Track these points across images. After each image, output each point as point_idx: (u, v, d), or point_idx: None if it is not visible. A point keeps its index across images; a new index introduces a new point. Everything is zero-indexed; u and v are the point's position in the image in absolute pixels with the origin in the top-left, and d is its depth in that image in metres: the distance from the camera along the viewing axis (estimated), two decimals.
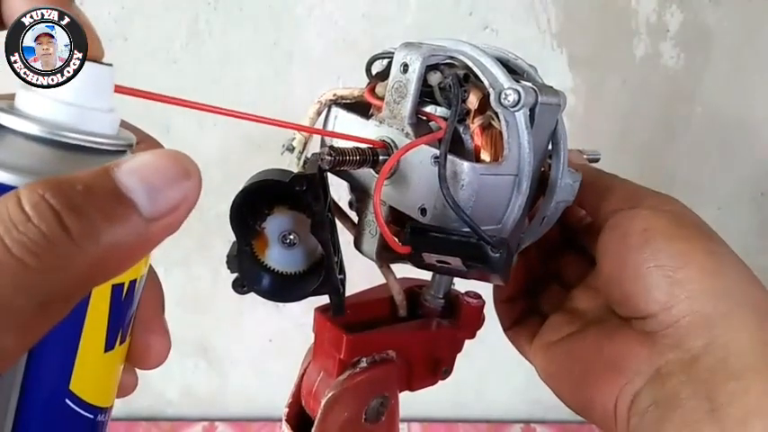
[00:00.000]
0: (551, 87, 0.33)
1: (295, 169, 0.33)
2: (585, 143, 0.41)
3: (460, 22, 0.68)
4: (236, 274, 0.32)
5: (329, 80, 0.68)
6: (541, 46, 0.69)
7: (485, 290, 0.39)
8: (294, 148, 0.33)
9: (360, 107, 0.34)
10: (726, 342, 0.27)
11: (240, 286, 0.32)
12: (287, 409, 0.35)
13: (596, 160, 0.40)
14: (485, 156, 0.31)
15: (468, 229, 0.28)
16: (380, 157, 0.30)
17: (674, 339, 0.28)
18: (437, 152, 0.29)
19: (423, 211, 0.30)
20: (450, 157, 0.29)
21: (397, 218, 0.32)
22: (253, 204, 0.32)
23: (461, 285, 0.38)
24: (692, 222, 0.30)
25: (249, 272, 0.32)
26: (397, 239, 0.30)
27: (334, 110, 0.34)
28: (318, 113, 0.34)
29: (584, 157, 0.39)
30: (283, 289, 0.33)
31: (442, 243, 0.29)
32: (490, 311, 0.39)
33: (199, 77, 0.69)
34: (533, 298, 0.40)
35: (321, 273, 0.32)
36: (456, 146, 0.31)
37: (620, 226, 0.31)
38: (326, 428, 0.32)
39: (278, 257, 0.33)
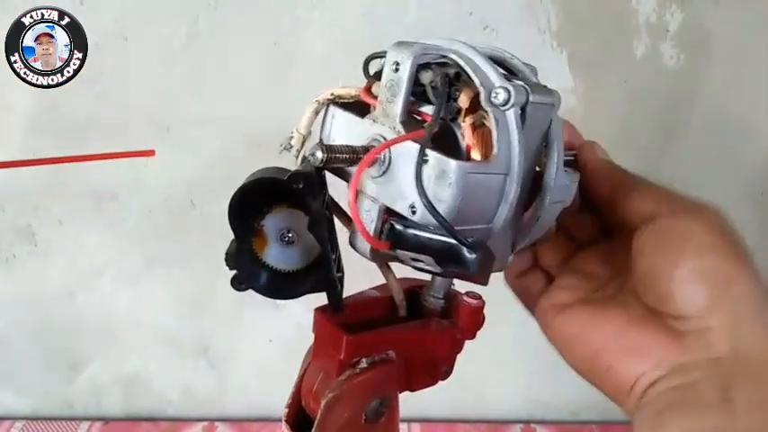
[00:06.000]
0: (545, 86, 0.32)
1: (294, 167, 0.33)
2: None
3: (460, 22, 0.68)
4: (234, 272, 0.33)
5: (329, 80, 0.67)
6: (541, 46, 0.69)
7: (485, 290, 0.38)
8: (292, 147, 0.33)
9: (359, 106, 0.34)
10: (749, 350, 0.30)
11: (239, 283, 0.33)
12: (287, 410, 0.35)
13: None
14: (475, 155, 0.31)
15: (456, 228, 0.28)
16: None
17: (703, 342, 0.30)
18: (427, 151, 0.29)
19: (413, 209, 0.30)
20: (437, 155, 0.29)
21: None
22: (252, 202, 0.32)
23: (461, 285, 0.38)
24: (739, 243, 0.33)
25: (248, 269, 0.33)
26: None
27: (332, 109, 0.34)
28: (316, 113, 0.34)
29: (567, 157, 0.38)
30: (281, 286, 0.34)
31: (419, 241, 0.29)
32: (491, 312, 0.39)
33: (199, 77, 0.69)
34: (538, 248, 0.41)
35: (319, 270, 0.32)
36: (451, 145, 0.31)
37: (669, 232, 0.32)
38: (326, 429, 0.32)
39: (277, 255, 0.34)
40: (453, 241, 0.28)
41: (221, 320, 0.81)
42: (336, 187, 0.33)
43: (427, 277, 0.37)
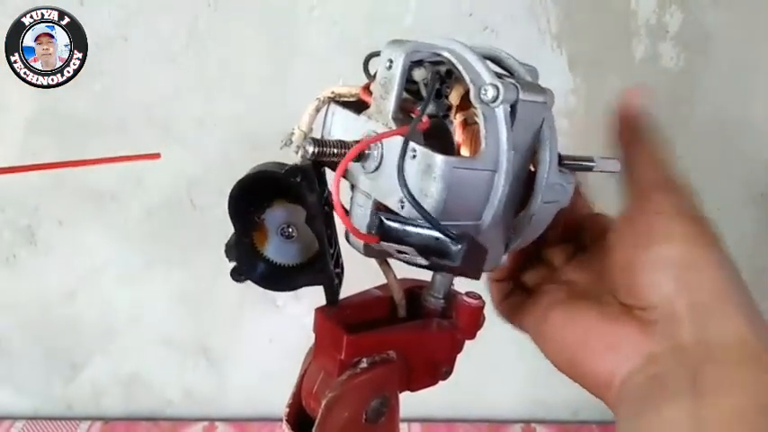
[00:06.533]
0: (538, 85, 0.32)
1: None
2: (585, 143, 0.41)
3: (460, 23, 0.68)
4: (234, 263, 0.34)
5: (329, 80, 0.67)
6: (541, 47, 0.69)
7: (485, 290, 0.39)
8: (292, 143, 0.34)
9: (360, 105, 0.34)
10: (713, 337, 0.30)
11: (238, 275, 0.34)
12: (287, 409, 0.35)
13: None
14: (464, 151, 0.31)
15: (444, 223, 0.28)
16: (365, 151, 0.31)
17: (670, 330, 0.31)
18: (414, 146, 0.29)
19: (401, 203, 0.30)
20: (424, 149, 0.29)
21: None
22: (252, 196, 0.33)
23: (462, 285, 0.38)
24: (707, 229, 0.33)
25: (247, 261, 0.34)
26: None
27: (332, 107, 0.34)
28: (317, 110, 0.34)
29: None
30: (279, 279, 0.34)
31: (407, 234, 0.29)
32: (491, 312, 0.39)
33: (199, 77, 0.69)
34: (522, 275, 0.42)
35: (317, 265, 0.33)
36: (446, 142, 0.31)
37: (637, 220, 0.33)
38: (327, 429, 0.32)
39: (276, 249, 0.35)
40: (438, 234, 0.28)
41: (221, 320, 0.81)
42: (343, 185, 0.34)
43: (427, 277, 0.37)
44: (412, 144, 0.29)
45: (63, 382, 0.84)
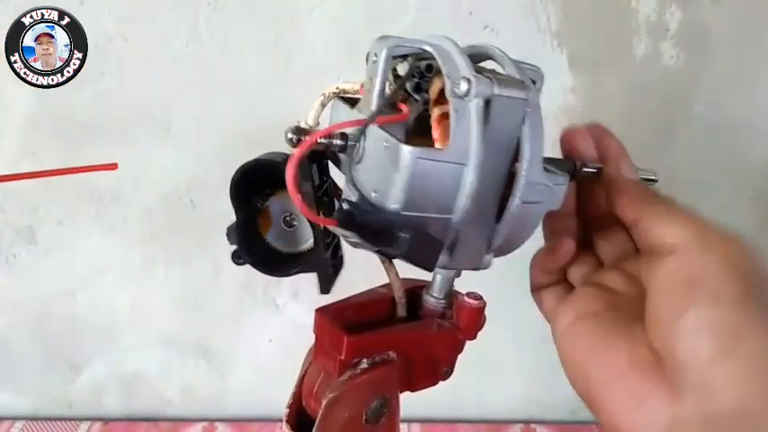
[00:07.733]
0: (519, 81, 0.32)
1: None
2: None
3: (460, 22, 0.68)
4: (235, 246, 0.36)
5: (329, 79, 0.67)
6: (541, 45, 0.69)
7: (484, 290, 0.38)
8: None
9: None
10: (746, 409, 0.28)
11: (237, 258, 0.35)
12: (287, 410, 0.35)
13: (653, 181, 0.39)
14: (438, 145, 0.31)
15: (412, 214, 0.29)
16: (349, 143, 0.31)
17: (703, 397, 0.29)
18: (386, 137, 0.30)
19: (375, 193, 0.30)
20: (393, 140, 0.29)
21: None
22: (255, 183, 0.34)
23: (462, 285, 0.38)
24: (757, 288, 0.30)
25: (247, 246, 0.35)
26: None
27: (335, 102, 0.35)
28: (323, 105, 0.35)
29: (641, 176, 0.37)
30: (277, 263, 0.36)
31: (364, 221, 0.30)
32: (491, 312, 0.39)
33: (199, 77, 0.69)
34: (567, 266, 0.40)
35: (313, 252, 0.35)
36: (428, 135, 0.32)
37: (680, 273, 0.31)
38: (327, 429, 0.32)
39: (278, 235, 0.36)
40: (386, 222, 0.29)
41: (221, 320, 0.81)
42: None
43: (428, 277, 0.37)
44: (384, 135, 0.30)
45: (63, 382, 0.84)
